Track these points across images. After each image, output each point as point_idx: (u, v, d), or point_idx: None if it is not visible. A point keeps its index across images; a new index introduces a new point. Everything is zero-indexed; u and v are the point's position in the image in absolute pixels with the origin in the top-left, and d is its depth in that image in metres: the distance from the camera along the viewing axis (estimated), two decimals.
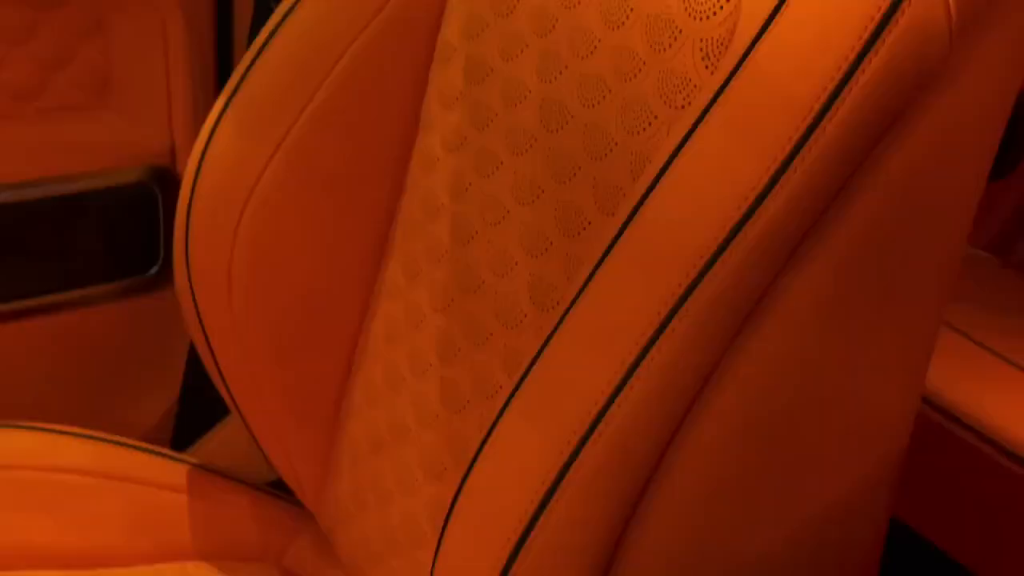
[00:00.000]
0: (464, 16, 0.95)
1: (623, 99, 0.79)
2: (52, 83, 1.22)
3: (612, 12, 0.80)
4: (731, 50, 0.68)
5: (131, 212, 1.29)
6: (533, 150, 0.86)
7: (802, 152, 0.61)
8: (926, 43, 0.62)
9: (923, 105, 0.64)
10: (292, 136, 0.96)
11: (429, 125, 0.99)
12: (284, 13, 0.98)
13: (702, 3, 0.73)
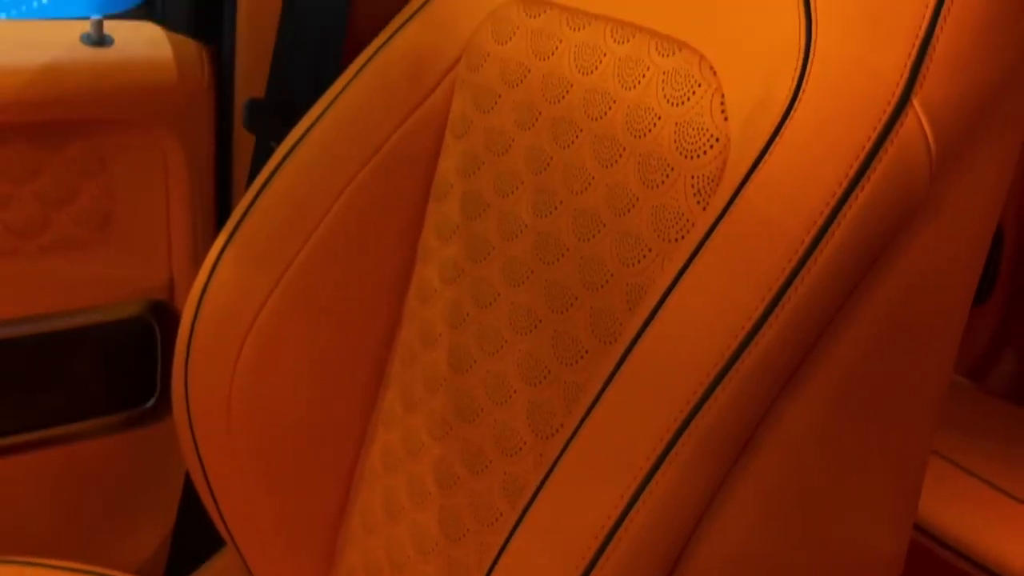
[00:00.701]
0: (460, 154, 0.98)
1: (618, 233, 0.82)
2: (54, 220, 1.25)
3: (605, 151, 0.84)
4: (722, 186, 0.72)
5: (129, 346, 1.30)
6: (530, 281, 0.89)
7: (794, 284, 0.64)
8: (909, 178, 0.65)
9: (908, 236, 0.67)
10: (293, 269, 0.99)
11: (426, 258, 1.02)
12: (284, 153, 1.01)
13: (693, 142, 0.77)
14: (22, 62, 1.15)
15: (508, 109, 0.93)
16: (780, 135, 0.68)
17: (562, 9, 0.90)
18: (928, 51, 0.66)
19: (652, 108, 0.80)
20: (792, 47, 0.70)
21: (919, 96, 0.65)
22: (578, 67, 0.87)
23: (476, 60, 0.97)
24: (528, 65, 0.92)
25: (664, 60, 0.80)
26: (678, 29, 0.80)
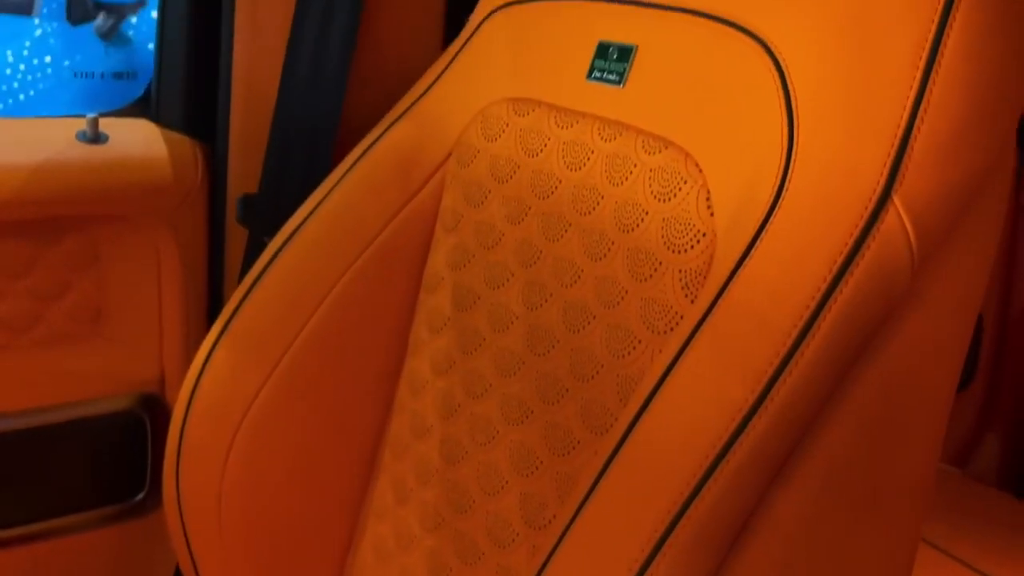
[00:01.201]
0: (451, 247, 1.00)
1: (607, 325, 0.84)
2: (47, 315, 1.25)
3: (594, 245, 0.86)
4: (709, 280, 0.73)
5: (119, 439, 1.30)
6: (521, 373, 0.91)
7: (783, 376, 0.66)
8: (891, 273, 0.68)
9: (892, 328, 0.69)
10: (284, 363, 1.00)
11: (417, 349, 1.03)
12: (277, 248, 1.03)
13: (680, 237, 0.79)
14: (18, 160, 1.17)
15: (498, 204, 0.96)
16: (765, 231, 0.70)
17: (550, 108, 0.92)
18: (907, 149, 0.68)
19: (640, 204, 0.83)
20: (775, 145, 0.73)
21: (899, 193, 0.68)
22: (566, 164, 0.89)
23: (466, 156, 0.99)
24: (517, 161, 0.94)
25: (650, 157, 0.83)
26: (663, 128, 0.82)
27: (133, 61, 4.29)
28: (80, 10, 4.23)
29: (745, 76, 0.77)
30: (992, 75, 0.70)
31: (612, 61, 0.88)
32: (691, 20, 0.82)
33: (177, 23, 1.25)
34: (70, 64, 4.00)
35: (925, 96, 0.68)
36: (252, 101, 1.22)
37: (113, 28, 4.28)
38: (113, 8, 4.32)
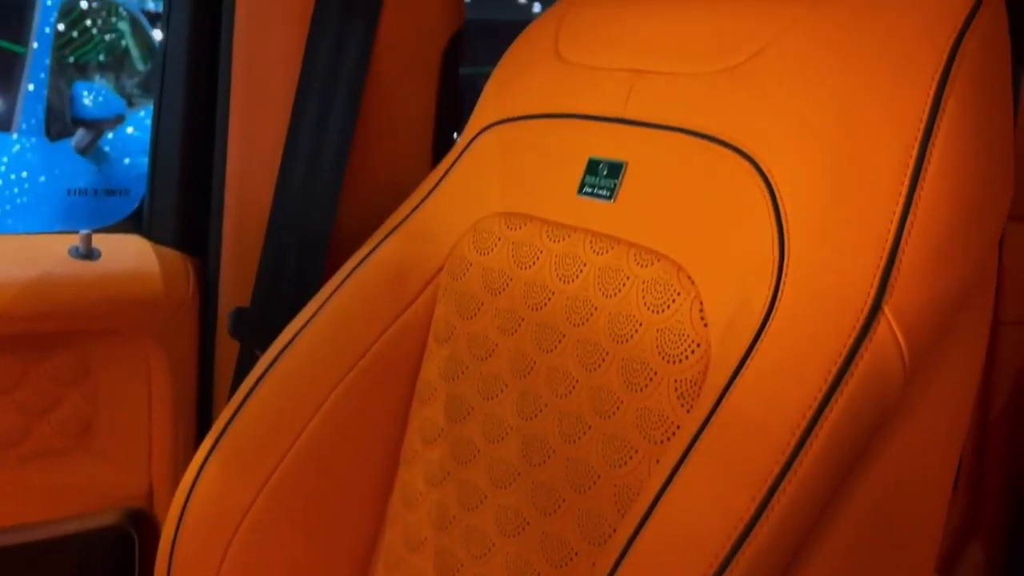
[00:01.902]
0: (444, 359, 1.01)
1: (603, 435, 0.85)
2: (35, 429, 1.25)
3: (588, 356, 0.87)
4: (705, 389, 0.75)
5: (107, 554, 1.29)
6: (517, 484, 0.91)
7: (782, 485, 0.67)
8: (884, 382, 0.69)
9: (887, 434, 0.71)
10: (276, 477, 1.00)
11: (411, 461, 1.04)
12: (269, 361, 1.04)
13: (675, 347, 0.80)
14: (11, 276, 1.18)
15: (491, 315, 0.97)
16: (760, 342, 0.72)
17: (542, 222, 0.94)
18: (896, 261, 0.70)
19: (633, 315, 0.84)
20: (767, 257, 0.75)
21: (890, 304, 0.70)
22: (559, 276, 0.91)
23: (459, 269, 1.01)
24: (510, 274, 0.96)
25: (643, 270, 0.85)
26: (655, 241, 0.84)
27: (111, 176, 4.32)
28: (59, 126, 4.27)
29: (734, 191, 0.79)
30: (975, 188, 0.73)
31: (602, 177, 0.90)
32: (679, 138, 0.85)
33: (171, 139, 1.28)
34: (47, 179, 4.02)
35: (911, 210, 0.71)
36: (245, 215, 1.24)
37: (91, 144, 4.31)
38: (92, 124, 4.36)
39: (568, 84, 0.97)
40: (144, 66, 5.44)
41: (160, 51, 1.28)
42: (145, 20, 5.68)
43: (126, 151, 4.47)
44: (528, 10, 6.94)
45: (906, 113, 0.73)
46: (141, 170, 4.49)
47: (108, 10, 5.16)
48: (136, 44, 5.40)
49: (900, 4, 0.79)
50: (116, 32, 5.26)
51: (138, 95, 5.15)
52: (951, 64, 0.73)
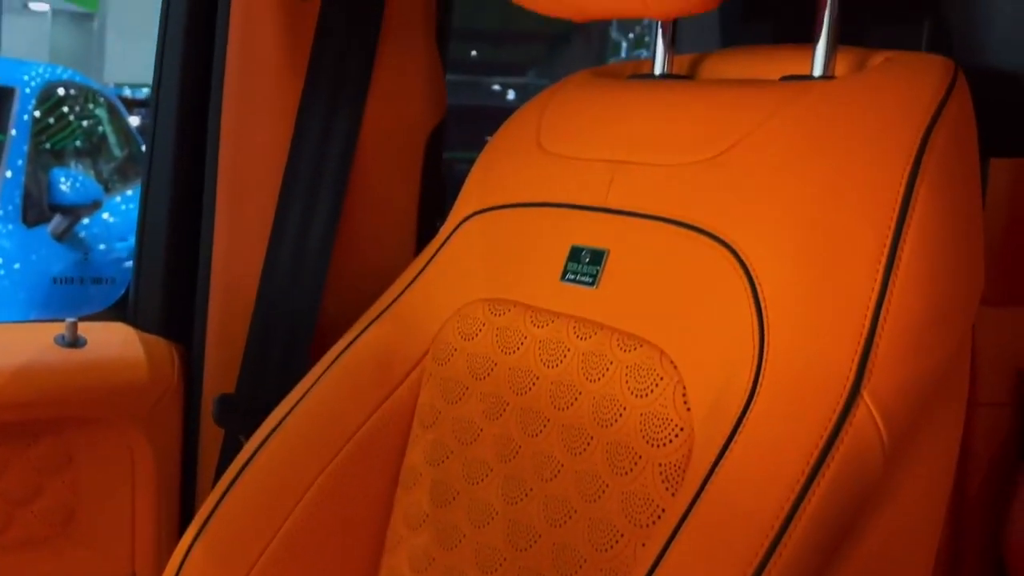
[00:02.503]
0: (429, 444, 1.02)
1: (589, 519, 0.86)
2: (17, 518, 1.25)
3: (573, 440, 0.89)
4: (689, 473, 0.76)
5: None
6: (503, 569, 0.92)
7: (767, 568, 0.68)
8: (864, 465, 0.71)
9: (867, 517, 0.72)
10: (262, 563, 1.00)
11: (395, 546, 1.04)
12: (254, 448, 1.04)
13: (659, 431, 0.82)
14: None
15: (476, 400, 0.99)
16: (742, 427, 0.74)
17: (525, 308, 0.96)
18: (873, 346, 0.73)
19: (617, 399, 0.86)
20: (747, 344, 0.77)
21: (868, 388, 0.72)
22: (543, 361, 0.93)
23: (443, 355, 1.03)
24: (494, 359, 0.97)
25: (626, 355, 0.86)
26: (637, 327, 0.86)
27: (86, 264, 4.31)
28: (36, 212, 4.28)
29: (714, 279, 0.82)
30: (948, 275, 0.75)
31: (585, 264, 0.92)
32: (660, 226, 0.88)
33: (157, 227, 1.29)
34: (22, 266, 4.02)
35: (887, 296, 0.73)
36: (230, 302, 1.25)
37: (68, 230, 4.32)
38: (69, 210, 4.37)
39: (550, 174, 0.99)
40: (121, 152, 5.47)
41: (148, 136, 1.30)
42: (122, 106, 5.73)
43: (101, 237, 4.48)
44: (503, 96, 7.05)
45: (879, 204, 0.76)
46: (117, 255, 4.50)
47: (85, 96, 5.21)
48: (113, 130, 5.44)
49: (871, 98, 0.82)
50: (93, 118, 5.30)
51: (115, 181, 5.17)
52: (921, 156, 0.77)
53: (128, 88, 9.13)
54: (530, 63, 16.74)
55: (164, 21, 1.27)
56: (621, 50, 15.40)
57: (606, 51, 16.28)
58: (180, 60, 1.25)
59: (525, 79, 12.51)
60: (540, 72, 15.64)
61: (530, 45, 17.01)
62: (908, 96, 0.80)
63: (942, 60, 0.84)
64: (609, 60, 16.47)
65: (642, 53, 15.67)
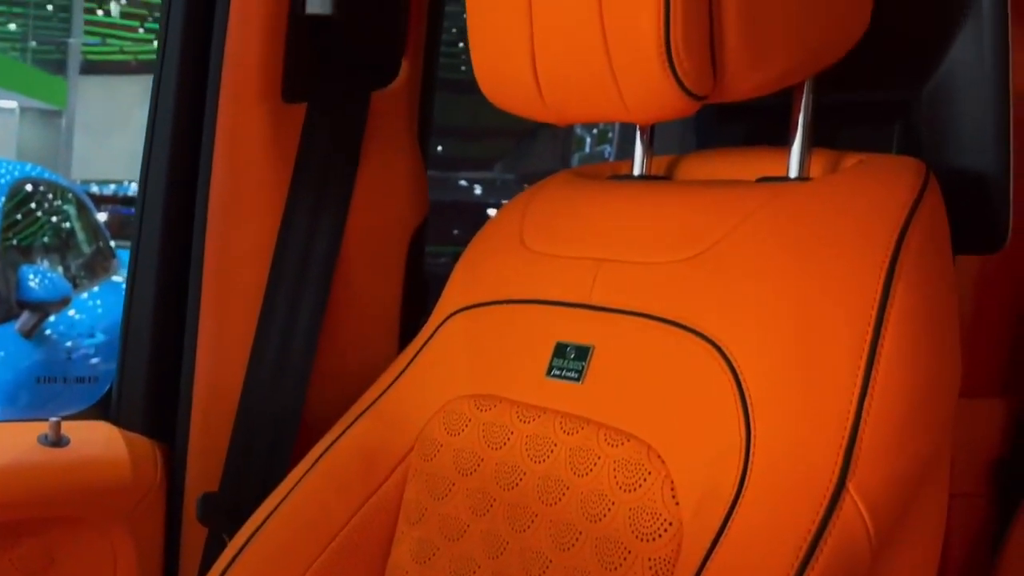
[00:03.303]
0: (414, 541, 1.03)
1: None
2: None
3: (561, 535, 0.89)
4: (679, 568, 0.78)
5: None
6: None
7: None
8: (851, 557, 0.73)
9: None
10: None
11: None
12: (238, 548, 1.04)
13: (648, 526, 0.83)
14: None
15: (462, 496, 0.99)
16: (731, 521, 0.75)
17: (512, 403, 0.98)
18: (857, 441, 0.75)
19: (606, 494, 0.87)
20: (734, 438, 0.79)
21: (854, 481, 0.74)
22: (530, 456, 0.94)
23: (429, 451, 1.03)
24: (481, 455, 0.98)
25: (613, 450, 0.88)
26: (624, 422, 0.88)
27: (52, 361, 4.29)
28: (3, 309, 4.26)
29: (699, 374, 0.84)
30: (928, 370, 0.78)
31: (570, 360, 0.94)
32: (644, 323, 0.90)
33: (141, 327, 1.30)
34: None
35: (868, 392, 0.76)
36: (214, 400, 1.26)
37: (35, 327, 4.30)
38: (37, 306, 4.35)
39: (534, 271, 1.02)
40: (89, 248, 5.48)
41: (134, 234, 1.32)
42: (90, 202, 5.75)
43: (68, 335, 4.46)
44: (470, 191, 7.14)
45: (859, 301, 0.79)
46: (84, 351, 4.48)
47: (54, 192, 5.23)
48: (81, 226, 5.45)
49: (847, 199, 0.85)
50: (61, 214, 5.31)
51: (83, 277, 5.17)
52: (898, 254, 0.80)
53: (95, 184, 9.17)
54: (496, 158, 16.95)
55: (152, 121, 1.29)
56: (585, 145, 15.60)
57: (571, 146, 16.48)
58: (167, 160, 1.27)
59: (492, 174, 12.67)
60: (506, 167, 15.84)
61: (496, 141, 17.24)
62: (883, 197, 0.84)
63: (914, 162, 0.88)
64: (574, 154, 16.70)
65: (606, 148, 15.84)
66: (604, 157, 14.17)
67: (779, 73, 0.87)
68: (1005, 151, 0.93)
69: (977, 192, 0.94)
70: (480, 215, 6.36)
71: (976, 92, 0.94)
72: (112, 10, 17.80)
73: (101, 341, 4.62)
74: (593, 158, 14.68)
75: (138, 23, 19.08)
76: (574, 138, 16.48)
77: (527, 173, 12.37)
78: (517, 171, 13.48)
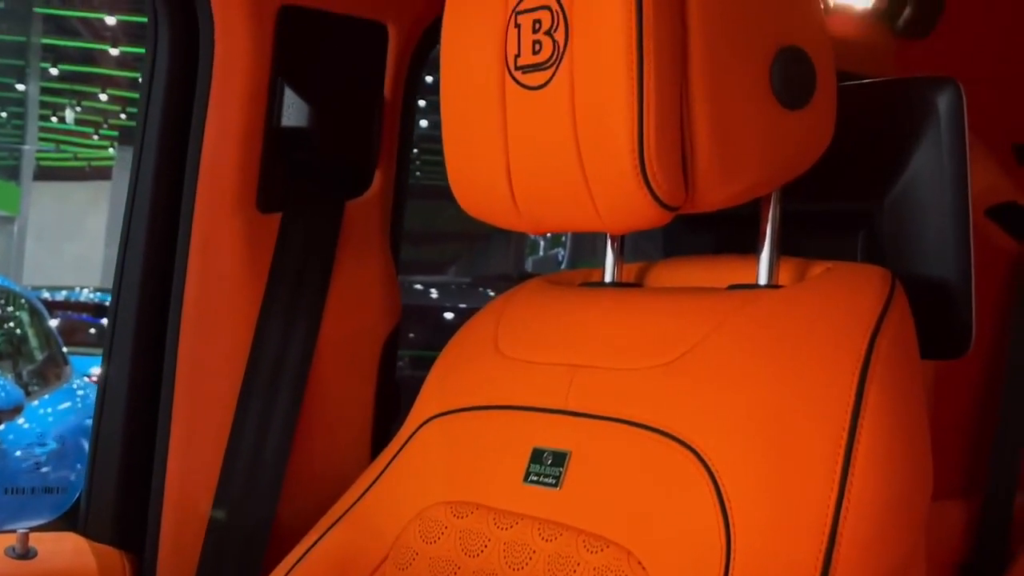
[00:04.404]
0: None
1: None
2: None
3: None
4: None
5: None
6: None
7: None
8: None
9: None
10: None
11: None
12: None
13: None
14: None
15: None
16: None
17: (488, 510, 0.98)
18: (835, 544, 0.76)
19: None
20: (714, 544, 0.80)
21: None
22: (508, 563, 0.94)
23: (404, 559, 1.03)
24: (458, 563, 0.98)
25: (593, 556, 0.88)
26: (603, 528, 0.89)
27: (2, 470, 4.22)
28: None
29: (678, 480, 0.85)
30: (902, 474, 0.80)
31: (547, 466, 0.95)
32: (621, 428, 0.91)
33: (112, 439, 1.29)
34: None
35: (845, 497, 0.77)
36: (185, 510, 1.25)
37: None
38: None
39: (509, 377, 1.03)
40: (41, 354, 5.41)
41: (106, 342, 1.31)
42: (43, 308, 5.70)
43: (17, 443, 4.40)
44: (425, 295, 7.15)
45: (832, 407, 0.81)
46: (32, 462, 4.40)
47: (6, 299, 5.19)
48: (34, 333, 5.40)
49: (817, 307, 0.88)
50: (14, 320, 5.27)
51: (34, 384, 5.11)
52: (869, 360, 0.82)
53: (47, 290, 9.09)
54: (450, 261, 17.04)
55: (127, 227, 1.30)
56: (539, 248, 15.72)
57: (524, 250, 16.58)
58: (141, 267, 1.28)
59: (447, 277, 12.71)
60: (460, 270, 15.91)
61: (450, 244, 17.34)
62: (852, 305, 0.86)
63: (880, 270, 0.91)
64: (528, 258, 16.77)
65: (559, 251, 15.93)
66: (558, 260, 14.28)
67: (748, 185, 0.90)
68: (966, 259, 0.96)
69: (941, 299, 0.97)
70: (437, 319, 6.37)
71: (936, 202, 0.98)
72: (67, 117, 17.85)
73: (52, 449, 4.56)
74: (547, 261, 14.79)
75: (92, 130, 19.13)
76: (528, 242, 16.62)
77: (482, 276, 12.43)
78: (472, 274, 13.54)
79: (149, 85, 1.28)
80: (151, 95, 1.27)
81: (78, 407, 5.30)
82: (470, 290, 9.68)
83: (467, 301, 7.52)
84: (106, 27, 13.81)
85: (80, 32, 13.99)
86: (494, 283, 11.13)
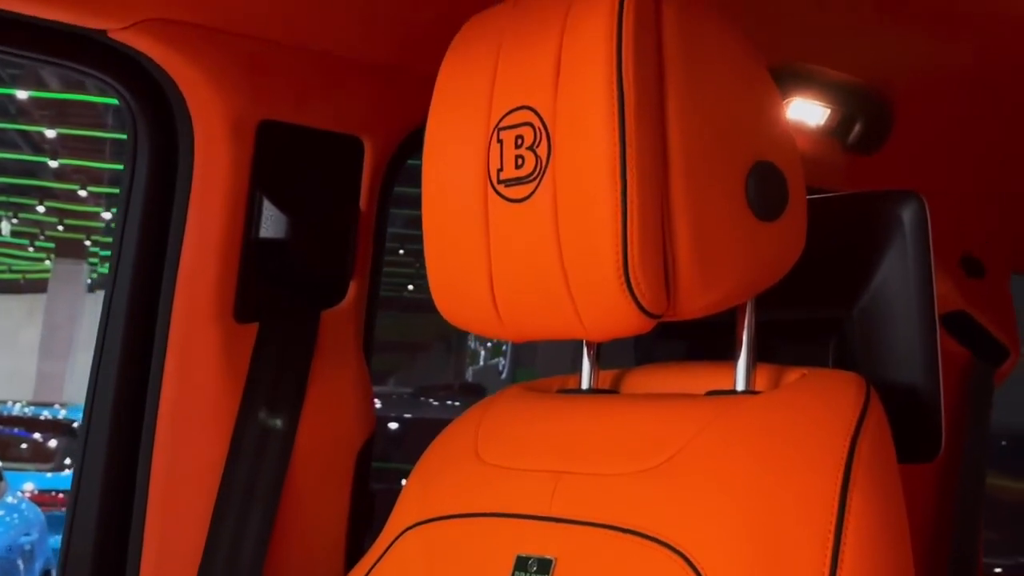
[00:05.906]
0: None
1: None
2: None
3: None
4: None
5: None
6: None
7: None
8: None
9: None
10: None
11: None
12: None
13: None
14: None
15: None
16: None
17: None
18: None
19: None
20: None
21: None
22: None
23: None
24: None
25: None
26: None
27: None
28: None
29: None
30: (886, 572, 0.82)
31: (532, 573, 0.95)
32: (607, 534, 0.92)
33: (83, 550, 1.28)
34: None
35: None
36: None
37: None
38: None
39: (491, 484, 1.03)
40: None
41: (78, 454, 1.30)
42: None
43: None
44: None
45: (817, 511, 0.83)
46: None
47: None
48: None
49: (796, 413, 0.91)
50: None
51: None
52: (850, 465, 0.85)
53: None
54: (390, 372, 16.93)
55: (102, 336, 1.30)
56: (479, 358, 15.68)
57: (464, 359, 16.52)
58: (115, 379, 1.28)
59: (388, 388, 12.64)
60: (400, 380, 15.81)
61: (389, 355, 17.25)
62: (832, 410, 0.89)
63: (855, 377, 0.94)
64: (468, 368, 16.64)
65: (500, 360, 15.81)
66: (498, 369, 14.27)
67: (727, 294, 0.93)
68: (935, 365, 1.00)
69: (911, 404, 1.00)
70: (383, 429, 6.34)
71: (904, 310, 1.02)
72: (3, 228, 17.69)
73: None
74: (488, 371, 14.76)
75: (28, 242, 18.95)
76: (468, 351, 16.59)
77: (425, 386, 12.37)
78: (412, 384, 13.46)
79: (128, 194, 1.29)
80: (130, 204, 1.29)
81: (14, 523, 5.17)
82: (412, 400, 9.63)
83: (411, 411, 7.49)
84: (45, 140, 13.78)
85: (19, 144, 13.94)
86: (436, 392, 11.09)
